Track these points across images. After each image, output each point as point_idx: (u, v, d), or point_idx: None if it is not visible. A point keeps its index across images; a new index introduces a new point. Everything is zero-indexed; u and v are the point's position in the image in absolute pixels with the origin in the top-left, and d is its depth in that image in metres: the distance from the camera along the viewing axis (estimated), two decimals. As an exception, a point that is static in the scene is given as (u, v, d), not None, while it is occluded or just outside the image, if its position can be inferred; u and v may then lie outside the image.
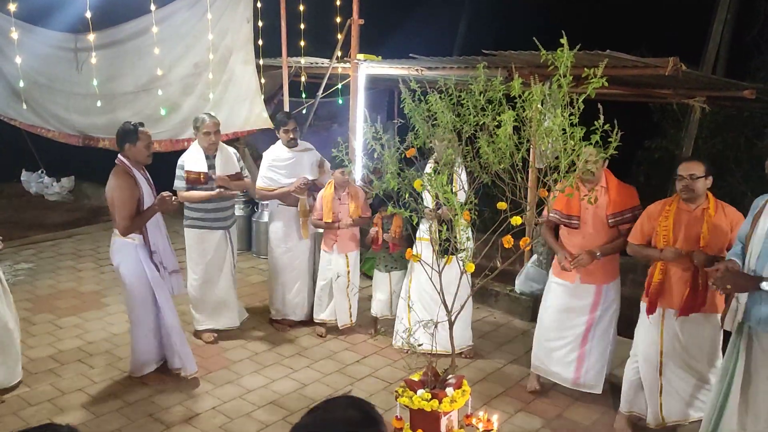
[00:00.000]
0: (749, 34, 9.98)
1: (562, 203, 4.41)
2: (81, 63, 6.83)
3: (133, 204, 4.40)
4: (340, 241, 5.52)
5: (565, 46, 3.15)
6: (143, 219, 4.46)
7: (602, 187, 4.37)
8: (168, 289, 4.66)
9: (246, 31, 6.92)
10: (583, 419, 4.42)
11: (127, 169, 4.45)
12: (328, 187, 5.47)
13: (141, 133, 4.48)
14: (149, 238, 4.51)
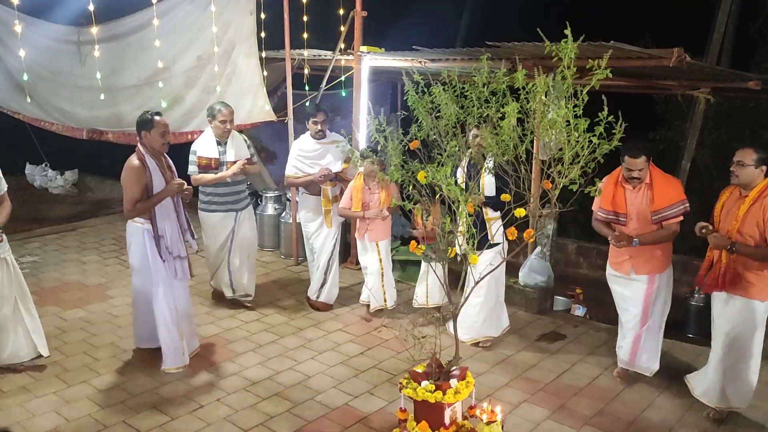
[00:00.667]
0: (754, 25, 9.92)
1: (607, 202, 4.54)
2: (84, 56, 6.84)
3: (138, 189, 4.51)
4: (371, 231, 5.62)
5: (569, 38, 3.14)
6: (148, 204, 4.55)
7: (646, 184, 4.43)
8: (171, 274, 4.73)
9: (249, 24, 6.91)
10: (587, 410, 4.43)
11: (141, 156, 4.57)
12: (358, 178, 5.56)
13: (156, 123, 4.59)
14: (157, 223, 4.62)
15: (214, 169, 5.58)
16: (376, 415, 4.31)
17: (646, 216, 4.45)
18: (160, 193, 4.58)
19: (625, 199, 4.50)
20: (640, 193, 4.46)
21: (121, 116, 7.05)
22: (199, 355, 5.07)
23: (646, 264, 4.56)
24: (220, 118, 5.54)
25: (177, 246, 4.75)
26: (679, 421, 4.30)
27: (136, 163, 4.52)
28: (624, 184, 4.50)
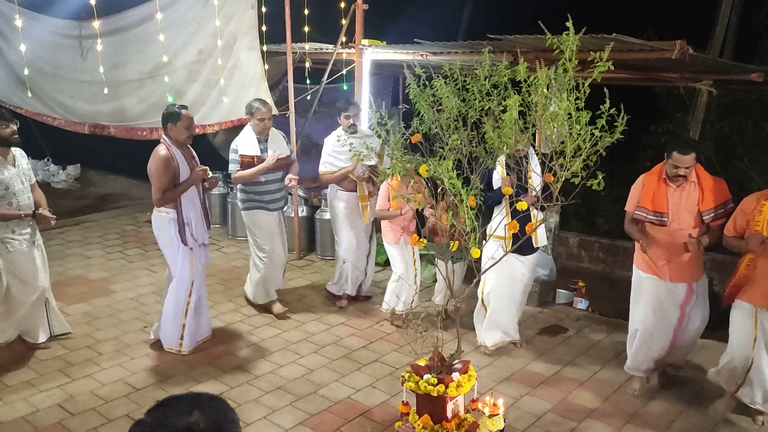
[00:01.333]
0: (757, 17, 9.88)
1: (647, 200, 4.31)
2: (86, 50, 6.83)
3: (167, 178, 4.66)
4: (406, 233, 5.44)
5: (571, 30, 3.13)
6: (176, 192, 4.71)
7: (692, 182, 4.24)
8: (199, 260, 4.91)
9: (250, 17, 6.89)
10: (588, 403, 4.44)
11: (167, 146, 4.70)
12: (395, 178, 5.17)
13: (183, 116, 4.73)
14: (182, 211, 4.77)
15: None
16: (379, 409, 4.32)
17: (691, 216, 4.23)
18: (187, 181, 4.74)
19: (667, 199, 4.25)
20: (684, 192, 4.23)
21: (124, 110, 7.05)
22: (202, 349, 5.08)
23: (686, 270, 4.32)
24: (258, 116, 5.48)
25: (201, 233, 4.91)
26: (681, 414, 4.31)
27: (164, 153, 4.66)
28: (667, 183, 4.27)
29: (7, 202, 4.53)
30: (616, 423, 4.21)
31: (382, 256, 7.10)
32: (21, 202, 4.61)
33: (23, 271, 4.68)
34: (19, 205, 4.59)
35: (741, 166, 9.18)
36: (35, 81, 6.94)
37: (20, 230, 4.62)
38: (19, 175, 4.64)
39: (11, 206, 4.54)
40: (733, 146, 9.40)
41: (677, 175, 4.16)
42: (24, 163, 4.76)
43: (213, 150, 8.77)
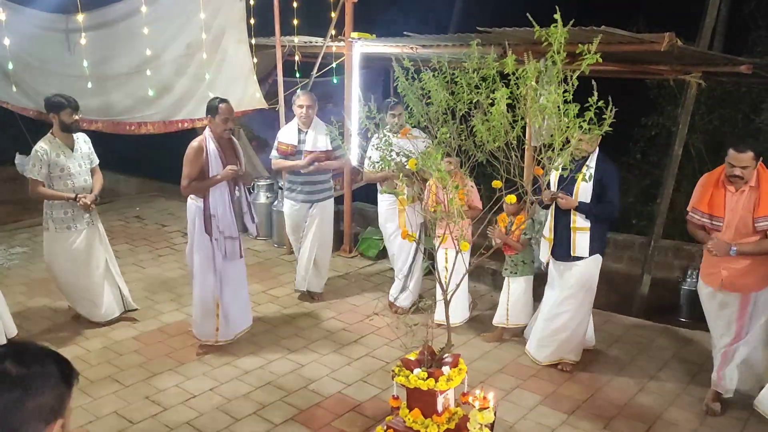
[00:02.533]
0: (747, 9, 9.88)
1: (703, 202, 4.08)
2: (73, 44, 6.75)
3: (193, 169, 4.76)
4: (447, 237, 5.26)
5: (559, 23, 3.11)
6: (201, 185, 4.78)
7: (751, 187, 3.92)
8: (219, 252, 4.90)
9: (238, 10, 6.84)
10: (578, 395, 4.44)
11: (202, 140, 4.81)
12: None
13: (221, 109, 4.79)
14: (209, 202, 4.82)
15: (291, 156, 5.67)
16: (369, 403, 4.31)
17: (747, 223, 3.92)
18: (214, 177, 4.79)
19: (725, 203, 3.96)
20: (743, 196, 3.91)
21: (111, 105, 6.98)
22: (192, 345, 5.06)
23: (740, 279, 4.00)
24: (297, 102, 5.61)
25: (229, 227, 4.92)
26: (671, 405, 4.32)
27: (195, 145, 4.79)
28: (725, 185, 3.98)
29: (63, 182, 4.93)
30: (606, 415, 4.22)
31: (374, 250, 7.10)
32: (77, 183, 4.98)
33: (78, 250, 5.07)
34: (75, 186, 4.97)
35: (731, 158, 9.19)
36: (21, 75, 6.85)
37: (74, 211, 5.00)
38: (77, 159, 5.02)
39: (66, 186, 4.93)
40: (723, 138, 9.42)
41: (733, 174, 3.88)
42: (85, 147, 5.16)
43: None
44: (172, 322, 5.49)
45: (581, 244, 4.56)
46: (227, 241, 4.94)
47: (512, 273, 5.14)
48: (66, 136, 5.00)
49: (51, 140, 4.95)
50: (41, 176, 4.87)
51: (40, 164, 4.86)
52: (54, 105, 4.94)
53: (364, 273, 6.77)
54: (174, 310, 5.70)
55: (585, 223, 4.51)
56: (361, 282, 6.52)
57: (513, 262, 5.13)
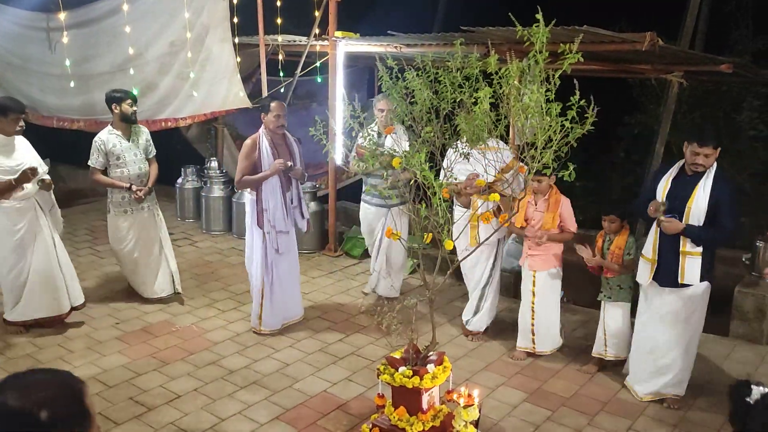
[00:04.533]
0: (727, 8, 9.99)
1: None
2: (54, 43, 6.71)
3: (246, 164, 5.02)
4: (531, 257, 4.80)
5: (541, 22, 3.13)
6: (252, 180, 5.02)
7: None
8: (271, 246, 5.10)
9: (222, 8, 6.81)
10: (562, 391, 4.48)
11: (256, 137, 5.07)
12: (528, 191, 4.65)
13: (272, 107, 5.05)
14: (262, 197, 5.04)
15: None
16: (355, 402, 4.32)
17: None
18: (264, 173, 4.99)
19: None
20: None
21: (94, 104, 6.93)
22: (176, 345, 5.04)
23: None
24: (378, 106, 5.50)
25: (281, 221, 5.09)
26: (652, 402, 4.36)
27: (248, 142, 5.06)
28: None
29: (120, 170, 5.34)
30: (590, 411, 4.26)
31: (358, 249, 7.10)
32: (132, 172, 5.37)
33: (127, 235, 5.49)
34: (130, 174, 5.36)
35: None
36: (3, 74, 6.80)
37: (131, 196, 5.38)
38: (133, 149, 5.39)
39: (123, 174, 5.34)
40: (705, 137, 9.51)
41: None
42: (142, 139, 5.49)
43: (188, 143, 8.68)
44: (156, 322, 5.46)
45: (691, 271, 4.02)
46: (279, 236, 5.12)
47: (607, 297, 4.65)
48: (125, 127, 5.37)
49: (110, 131, 5.34)
50: (98, 164, 5.33)
51: (98, 153, 5.30)
52: (114, 98, 5.31)
53: (349, 272, 6.77)
54: (158, 311, 5.67)
55: (696, 248, 4.00)
56: (346, 281, 6.52)
57: (609, 286, 4.63)
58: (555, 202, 4.68)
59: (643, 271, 4.22)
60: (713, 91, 9.47)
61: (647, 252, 4.19)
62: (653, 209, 4.00)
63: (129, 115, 5.34)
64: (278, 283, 5.20)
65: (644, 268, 4.21)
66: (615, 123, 10.06)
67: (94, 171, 5.38)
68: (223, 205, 7.96)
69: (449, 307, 5.82)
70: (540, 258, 4.76)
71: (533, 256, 4.78)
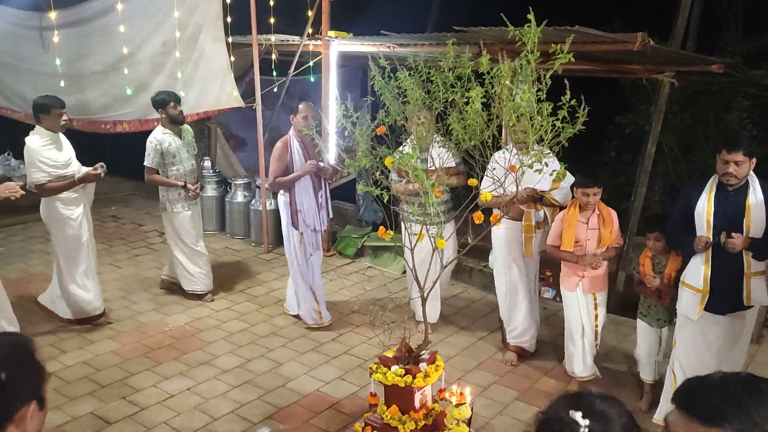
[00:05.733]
0: (719, 9, 10.04)
1: None
2: (47, 42, 6.68)
3: (278, 166, 5.13)
4: (588, 279, 4.35)
5: (533, 22, 3.15)
6: (285, 181, 5.13)
7: None
8: (310, 244, 5.27)
9: (215, 8, 6.81)
10: (554, 390, 4.50)
11: (287, 139, 5.17)
12: (572, 208, 4.31)
13: (300, 108, 5.12)
14: (295, 198, 5.17)
15: None
16: (347, 401, 4.33)
17: None
18: (297, 173, 5.09)
19: None
20: None
21: (87, 103, 6.91)
22: (169, 345, 5.04)
23: None
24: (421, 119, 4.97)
25: (313, 220, 5.24)
26: (642, 398, 4.39)
27: (279, 144, 5.15)
28: None
29: (176, 168, 5.55)
30: (581, 409, 4.27)
31: (351, 249, 7.11)
32: (186, 169, 5.60)
33: (182, 230, 5.69)
34: (184, 171, 5.58)
35: (702, 155, 9.35)
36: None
37: (186, 193, 5.60)
38: (185, 147, 5.60)
39: (179, 172, 5.56)
40: (695, 136, 9.56)
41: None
42: (189, 136, 5.71)
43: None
44: (149, 321, 5.45)
45: (758, 292, 3.69)
46: (313, 234, 5.27)
47: (665, 323, 4.27)
48: (174, 126, 5.56)
49: (163, 131, 5.54)
50: (154, 164, 5.52)
51: (154, 153, 5.49)
52: (159, 102, 5.52)
53: (342, 271, 6.79)
54: (151, 310, 5.67)
55: (761, 265, 3.70)
56: (339, 280, 6.53)
57: (666, 310, 4.24)
58: (609, 215, 4.28)
59: (690, 303, 3.79)
60: (704, 91, 9.51)
61: (695, 282, 3.76)
62: (702, 246, 3.62)
63: (176, 116, 5.53)
64: (317, 278, 5.41)
65: (692, 300, 3.77)
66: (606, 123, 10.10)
67: (150, 170, 5.56)
68: (216, 205, 7.96)
69: (442, 307, 5.83)
70: (600, 279, 4.38)
71: (592, 278, 4.34)
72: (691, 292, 3.79)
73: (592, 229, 4.26)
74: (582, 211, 4.25)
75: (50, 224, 5.08)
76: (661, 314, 4.24)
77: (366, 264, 6.98)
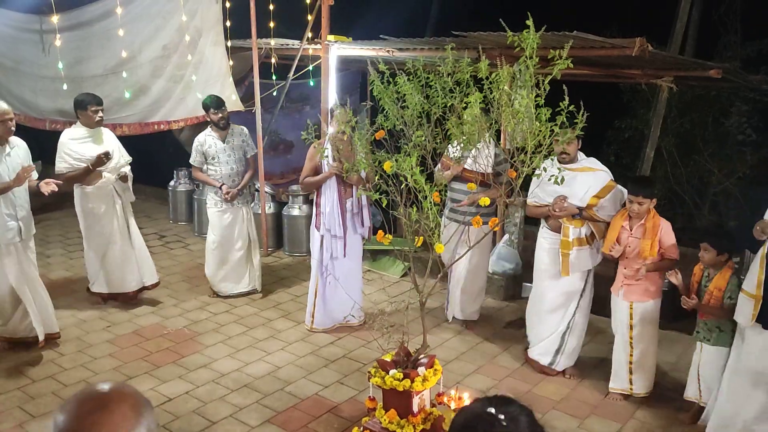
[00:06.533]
0: (717, 14, 10.08)
1: None
2: (47, 45, 6.69)
3: (309, 167, 5.19)
4: (628, 286, 4.28)
5: (531, 28, 3.16)
6: (311, 182, 5.21)
7: None
8: (330, 248, 5.23)
9: (215, 11, 6.82)
10: (553, 395, 4.50)
11: (323, 140, 5.19)
12: (621, 213, 4.30)
13: (336, 113, 5.07)
14: (320, 201, 5.22)
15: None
16: (346, 404, 4.33)
17: None
18: (321, 175, 5.14)
19: None
20: None
21: (86, 106, 6.90)
22: (168, 348, 5.04)
23: None
24: None
25: (334, 225, 5.19)
26: (642, 405, 4.39)
27: (312, 147, 5.12)
28: None
29: (214, 169, 5.81)
30: (580, 414, 4.28)
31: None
32: (224, 171, 5.81)
33: (221, 230, 5.89)
34: (222, 173, 5.80)
35: (701, 160, 9.39)
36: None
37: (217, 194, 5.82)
38: (226, 150, 5.82)
39: (216, 173, 5.80)
40: (694, 141, 9.60)
41: None
42: (238, 140, 5.91)
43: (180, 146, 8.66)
44: (147, 324, 5.45)
45: None
46: (333, 240, 5.20)
47: (705, 340, 4.06)
48: (219, 130, 5.81)
49: (207, 133, 5.86)
50: (197, 163, 5.86)
51: (197, 153, 5.83)
52: (204, 106, 5.83)
53: (341, 275, 6.78)
54: (149, 313, 5.67)
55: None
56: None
57: (707, 327, 4.05)
58: (653, 227, 4.14)
59: (744, 309, 3.60)
60: (703, 96, 9.55)
61: (749, 287, 3.58)
62: (760, 229, 3.44)
63: (216, 122, 5.76)
64: (333, 285, 5.27)
65: (746, 306, 3.59)
66: (605, 127, 10.13)
67: (195, 168, 5.94)
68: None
69: (440, 310, 5.83)
70: (639, 287, 4.24)
71: (630, 286, 4.25)
72: (746, 297, 3.61)
73: (635, 237, 4.19)
74: (630, 218, 4.21)
75: (79, 215, 5.57)
76: (700, 327, 4.08)
77: (365, 267, 6.97)
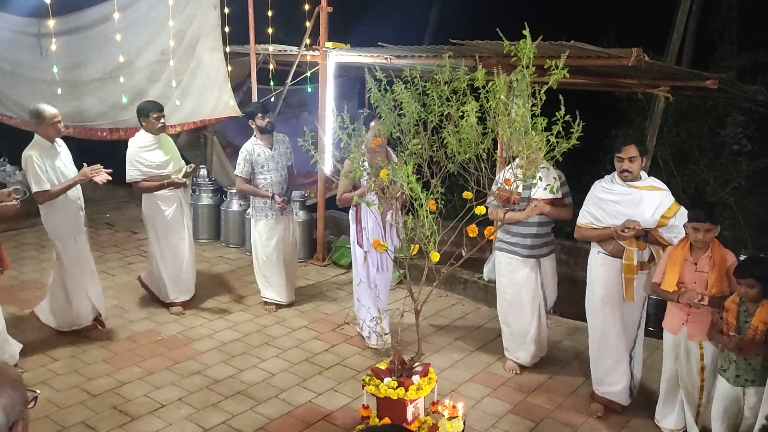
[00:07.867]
0: (713, 25, 10.14)
1: None
2: (45, 49, 6.71)
3: (345, 183, 5.06)
4: (692, 324, 3.80)
5: (528, 37, 3.17)
6: (349, 197, 5.03)
7: None
8: (375, 264, 5.13)
9: (213, 17, 6.83)
10: (547, 404, 4.50)
11: None
12: (681, 244, 3.85)
13: (372, 127, 4.94)
14: (361, 216, 5.10)
15: (514, 204, 4.52)
16: (340, 412, 4.32)
17: None
18: (359, 190, 4.96)
19: None
20: None
21: (83, 110, 6.92)
22: (161, 354, 5.02)
23: None
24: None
25: (379, 239, 5.03)
26: (636, 414, 4.39)
27: (347, 161, 5.00)
28: None
29: (263, 177, 5.69)
30: (574, 423, 4.28)
31: (346, 259, 7.10)
32: (274, 179, 5.71)
33: (267, 238, 5.80)
34: (272, 181, 5.70)
35: (697, 169, 9.42)
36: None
37: (271, 202, 5.70)
38: (274, 157, 5.72)
39: (266, 181, 5.69)
40: (690, 151, 9.64)
41: None
42: (282, 147, 5.81)
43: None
44: (141, 330, 5.43)
45: None
46: (377, 254, 5.10)
47: (750, 382, 3.53)
48: (265, 137, 5.71)
49: (254, 141, 5.71)
50: (244, 173, 5.69)
51: (245, 163, 5.67)
52: (249, 114, 5.75)
53: (336, 282, 6.78)
54: (144, 319, 5.65)
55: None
56: (333, 291, 6.52)
57: (752, 367, 3.52)
58: (721, 260, 3.69)
59: None
60: (699, 106, 9.59)
61: None
62: None
63: (264, 127, 5.66)
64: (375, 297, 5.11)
65: None
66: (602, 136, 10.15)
67: (240, 180, 5.73)
68: (211, 214, 7.95)
69: (435, 318, 5.83)
70: (703, 324, 3.76)
71: (695, 324, 3.78)
72: None
73: (701, 271, 3.72)
74: (692, 250, 3.77)
75: (146, 217, 5.65)
76: (742, 371, 3.53)
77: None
